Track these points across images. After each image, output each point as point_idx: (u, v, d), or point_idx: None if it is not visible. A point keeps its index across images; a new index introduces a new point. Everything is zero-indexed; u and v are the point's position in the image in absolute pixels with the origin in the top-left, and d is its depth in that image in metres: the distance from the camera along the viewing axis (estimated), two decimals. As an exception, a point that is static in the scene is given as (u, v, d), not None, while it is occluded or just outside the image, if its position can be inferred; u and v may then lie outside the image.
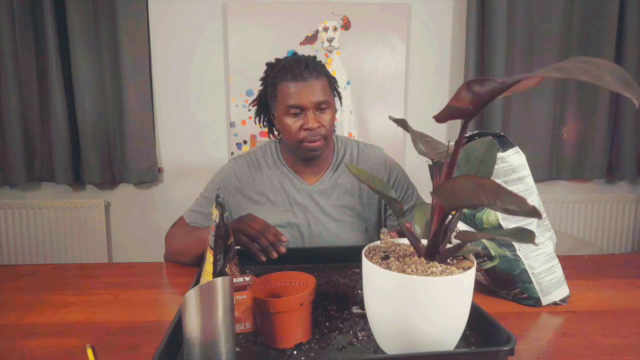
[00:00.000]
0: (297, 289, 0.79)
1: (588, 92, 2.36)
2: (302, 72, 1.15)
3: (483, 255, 0.92)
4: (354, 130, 2.40)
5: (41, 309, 0.92)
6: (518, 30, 2.30)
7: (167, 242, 1.27)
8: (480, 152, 0.69)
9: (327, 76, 1.22)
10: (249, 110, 2.32)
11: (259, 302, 0.72)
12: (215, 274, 0.76)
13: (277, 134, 1.33)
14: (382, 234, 0.76)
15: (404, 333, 0.65)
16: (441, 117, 0.56)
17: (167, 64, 2.32)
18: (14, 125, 2.19)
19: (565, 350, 0.77)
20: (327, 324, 0.80)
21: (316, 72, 1.17)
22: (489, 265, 0.93)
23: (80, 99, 2.22)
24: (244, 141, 2.38)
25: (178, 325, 0.70)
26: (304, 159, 1.26)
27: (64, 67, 2.20)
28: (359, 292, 0.94)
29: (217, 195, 0.80)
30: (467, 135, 0.86)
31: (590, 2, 2.30)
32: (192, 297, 0.62)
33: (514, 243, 0.90)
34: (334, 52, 2.33)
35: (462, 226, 0.92)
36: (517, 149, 0.89)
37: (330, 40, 2.31)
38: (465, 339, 0.73)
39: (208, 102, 2.36)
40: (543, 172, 2.42)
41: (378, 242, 0.77)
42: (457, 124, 2.04)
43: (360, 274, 1.04)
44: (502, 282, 0.93)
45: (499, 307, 0.92)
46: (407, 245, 0.76)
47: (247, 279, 0.81)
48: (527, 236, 0.57)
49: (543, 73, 0.47)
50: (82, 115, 2.23)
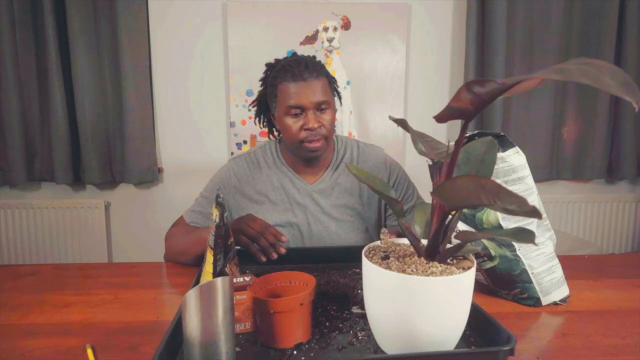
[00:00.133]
0: (297, 289, 0.79)
1: (588, 93, 2.36)
2: (302, 72, 1.15)
3: (483, 255, 0.92)
4: (354, 130, 2.40)
5: (41, 309, 0.92)
6: (518, 30, 2.30)
7: (167, 242, 1.27)
8: (480, 152, 0.69)
9: (327, 76, 1.22)
10: (249, 110, 2.32)
11: (259, 302, 0.72)
12: (215, 274, 0.76)
13: (277, 134, 1.33)
14: (382, 234, 0.76)
15: (404, 333, 0.65)
16: (441, 118, 0.56)
17: (167, 64, 2.32)
18: (14, 125, 2.19)
19: (565, 350, 0.77)
20: (327, 324, 0.80)
21: (316, 72, 1.17)
22: (489, 265, 0.93)
23: (80, 99, 2.22)
24: (244, 141, 2.37)
25: (178, 325, 0.70)
26: (304, 159, 1.26)
27: (64, 67, 2.20)
28: (359, 292, 0.94)
29: (217, 195, 0.80)
30: (467, 135, 0.86)
31: (590, 2, 2.30)
32: (192, 297, 0.62)
33: (514, 243, 0.90)
34: (334, 52, 2.32)
35: (462, 226, 0.92)
36: (517, 149, 0.89)
37: (330, 40, 2.31)
38: (465, 339, 0.73)
39: (208, 102, 2.36)
40: (543, 172, 2.42)
41: (378, 242, 0.77)
42: (457, 124, 2.05)
43: (360, 274, 1.04)
44: (502, 282, 0.93)
45: (499, 307, 0.92)
46: (407, 245, 0.76)
47: (247, 279, 0.80)
48: (527, 236, 0.57)
49: (543, 75, 0.47)
50: (82, 115, 2.23)
